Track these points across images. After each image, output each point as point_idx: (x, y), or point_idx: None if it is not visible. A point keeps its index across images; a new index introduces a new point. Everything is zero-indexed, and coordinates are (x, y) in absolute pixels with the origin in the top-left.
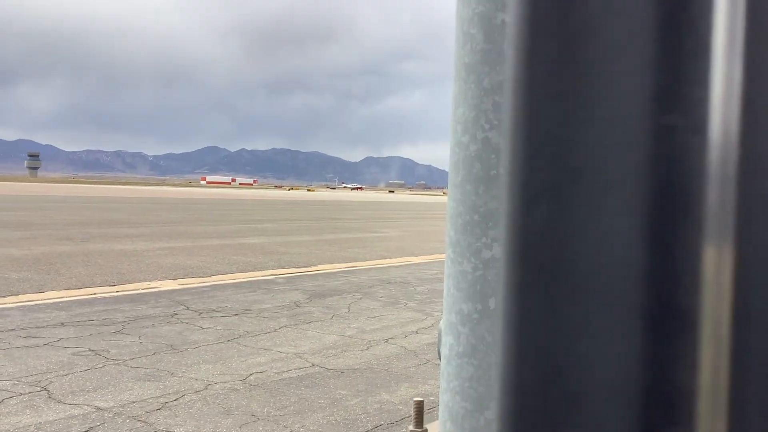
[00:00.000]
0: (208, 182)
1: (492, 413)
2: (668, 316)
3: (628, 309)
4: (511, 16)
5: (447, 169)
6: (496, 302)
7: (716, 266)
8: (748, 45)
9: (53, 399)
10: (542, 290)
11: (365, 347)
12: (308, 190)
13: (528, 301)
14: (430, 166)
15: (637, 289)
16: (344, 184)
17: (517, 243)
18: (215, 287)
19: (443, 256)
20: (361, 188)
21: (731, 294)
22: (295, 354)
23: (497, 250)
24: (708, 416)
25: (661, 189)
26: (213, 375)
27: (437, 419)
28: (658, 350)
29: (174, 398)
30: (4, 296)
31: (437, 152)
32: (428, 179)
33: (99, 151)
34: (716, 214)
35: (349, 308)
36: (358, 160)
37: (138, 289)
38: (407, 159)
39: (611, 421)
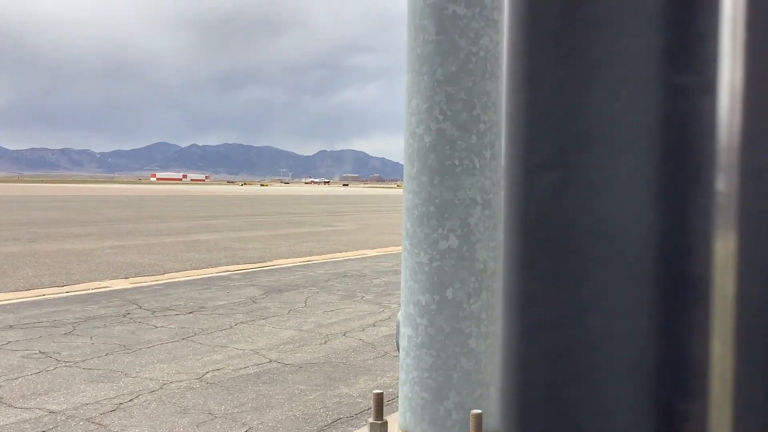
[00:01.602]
0: (158, 179)
1: (451, 403)
2: (681, 286)
3: (640, 280)
4: None
5: (401, 162)
6: (453, 292)
7: (724, 232)
8: (748, 2)
9: (4, 403)
10: (548, 264)
11: (323, 341)
12: (261, 185)
13: (532, 276)
14: (384, 158)
15: (650, 259)
16: (311, 179)
17: (519, 215)
18: (168, 285)
19: (399, 248)
20: (328, 182)
21: (735, 260)
22: (252, 350)
23: (453, 241)
24: (719, 388)
25: (674, 153)
26: (168, 374)
27: (397, 411)
28: (671, 322)
29: (128, 399)
30: None
31: (391, 145)
32: (382, 172)
33: (44, 149)
34: (723, 179)
35: (305, 302)
36: (311, 154)
37: (88, 289)
38: (361, 152)
39: (623, 396)
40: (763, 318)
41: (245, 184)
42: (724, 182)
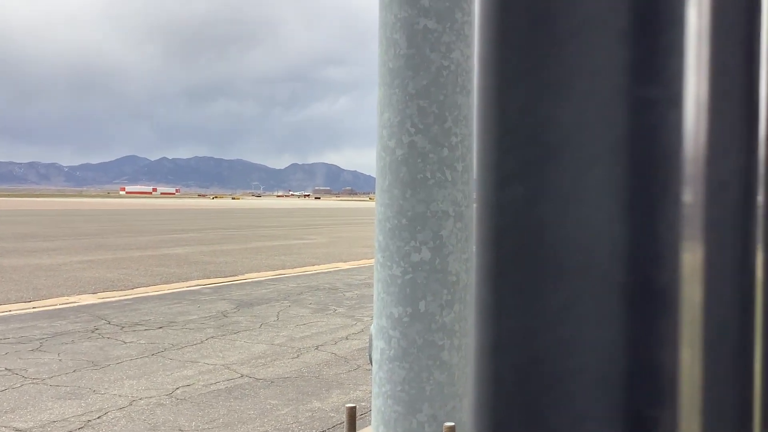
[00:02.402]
0: (127, 192)
1: (424, 416)
2: (650, 295)
3: (610, 289)
4: None
5: (373, 175)
6: (426, 305)
7: (691, 242)
8: (713, 16)
9: None
10: (519, 275)
11: (295, 355)
12: (233, 198)
13: (504, 287)
14: (356, 171)
15: (619, 270)
16: (291, 192)
17: (490, 227)
18: (138, 300)
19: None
20: (308, 196)
21: (702, 269)
22: (223, 365)
23: (426, 253)
24: (688, 394)
25: (641, 164)
26: (137, 390)
27: (370, 425)
28: (641, 332)
29: (97, 416)
30: None
31: (363, 158)
32: (354, 185)
33: (11, 163)
34: (689, 190)
35: (277, 316)
36: (283, 167)
37: (56, 305)
38: (333, 165)
39: (595, 405)
40: (729, 325)
41: (216, 197)
42: (691, 194)
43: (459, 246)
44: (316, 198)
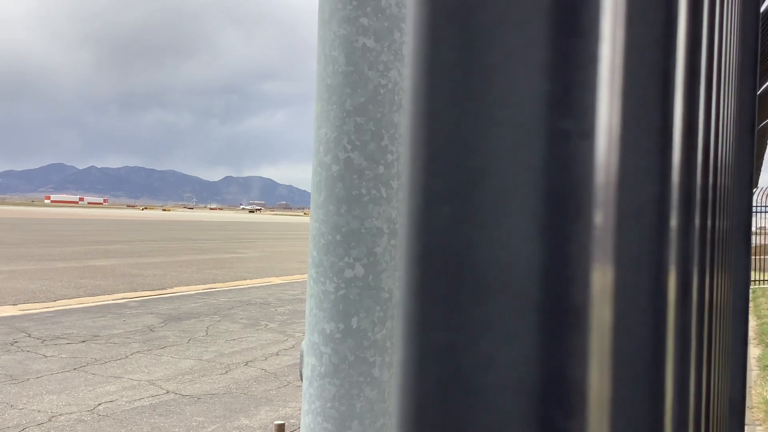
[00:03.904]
0: (52, 201)
1: None
2: (563, 313)
3: (527, 307)
4: (408, 23)
5: (308, 190)
6: (358, 321)
7: (602, 265)
8: (627, 53)
9: None
10: (445, 291)
11: (224, 371)
12: (164, 210)
13: (430, 302)
14: (291, 186)
15: (535, 288)
16: (242, 206)
17: (418, 245)
18: (60, 312)
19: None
20: (259, 210)
21: (612, 290)
22: (148, 381)
23: (359, 270)
24: (596, 407)
25: (556, 191)
26: (58, 406)
27: None
28: (554, 346)
29: None
30: None
31: (299, 173)
32: (289, 199)
33: None
34: (601, 217)
35: (206, 331)
36: (217, 179)
37: None
38: (268, 179)
39: (512, 416)
40: (637, 343)
41: (146, 208)
42: (602, 219)
43: (392, 263)
44: (250, 211)
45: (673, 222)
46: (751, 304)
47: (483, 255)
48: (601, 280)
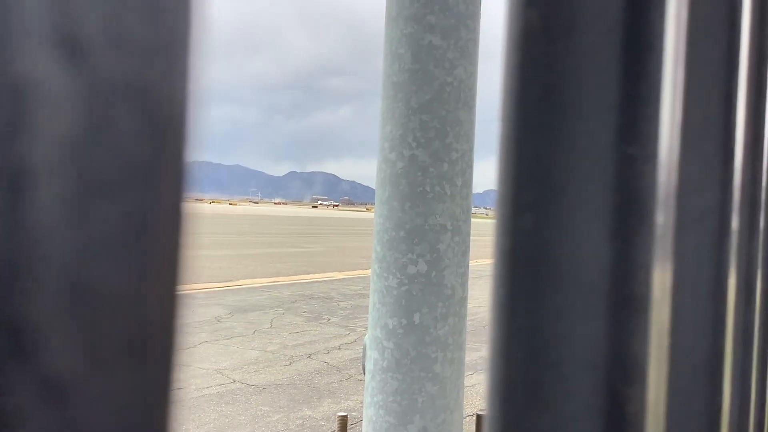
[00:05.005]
0: None
1: (415, 427)
2: (627, 300)
3: (596, 296)
4: (503, 64)
5: (371, 185)
6: (421, 317)
7: (662, 264)
8: (686, 92)
9: None
10: (528, 282)
11: (287, 363)
12: (230, 204)
13: (516, 291)
14: (354, 182)
15: (602, 281)
16: (320, 202)
17: (507, 244)
18: None
19: (366, 272)
20: (337, 206)
21: (671, 285)
22: (215, 370)
23: (422, 266)
24: (655, 377)
25: (622, 203)
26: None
27: None
28: (619, 329)
29: None
30: None
31: (361, 168)
32: (352, 195)
33: None
34: (661, 222)
35: (271, 323)
36: (281, 175)
37: None
38: (331, 174)
39: (584, 383)
40: (695, 330)
41: (213, 202)
42: (663, 224)
43: (455, 260)
44: (312, 207)
45: (736, 225)
46: None
47: (560, 253)
48: (661, 275)
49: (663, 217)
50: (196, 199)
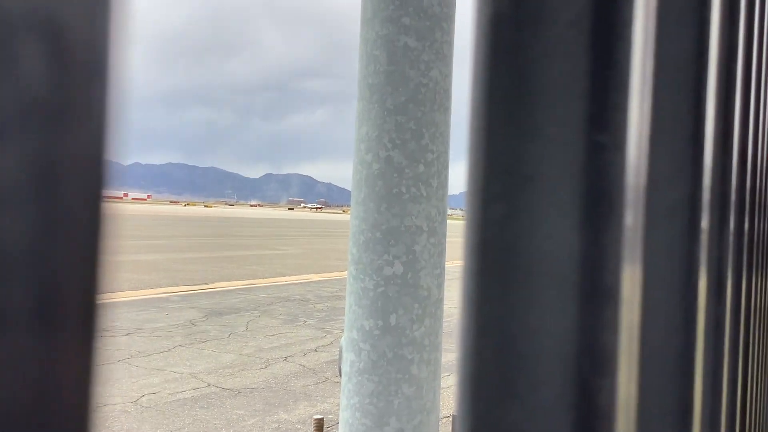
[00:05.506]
0: None
1: (391, 429)
2: (596, 292)
3: (566, 288)
4: (472, 54)
5: (347, 188)
6: (397, 318)
7: (633, 255)
8: (655, 80)
9: None
10: (497, 274)
11: (263, 366)
12: (205, 207)
13: (486, 283)
14: (330, 184)
15: (573, 272)
16: (303, 204)
17: (476, 236)
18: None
19: (342, 273)
20: (320, 209)
21: (643, 276)
22: (190, 374)
23: (398, 267)
24: (626, 369)
25: (592, 193)
26: (101, 397)
27: None
28: (589, 319)
29: None
30: None
31: (338, 171)
32: (328, 197)
33: None
34: (631, 214)
35: (247, 326)
36: (257, 177)
37: None
38: (307, 176)
39: (554, 375)
40: (665, 323)
41: (189, 204)
42: (633, 216)
43: (431, 261)
44: (288, 209)
45: (706, 222)
46: None
47: (530, 244)
48: (632, 266)
49: (634, 207)
50: (171, 202)
